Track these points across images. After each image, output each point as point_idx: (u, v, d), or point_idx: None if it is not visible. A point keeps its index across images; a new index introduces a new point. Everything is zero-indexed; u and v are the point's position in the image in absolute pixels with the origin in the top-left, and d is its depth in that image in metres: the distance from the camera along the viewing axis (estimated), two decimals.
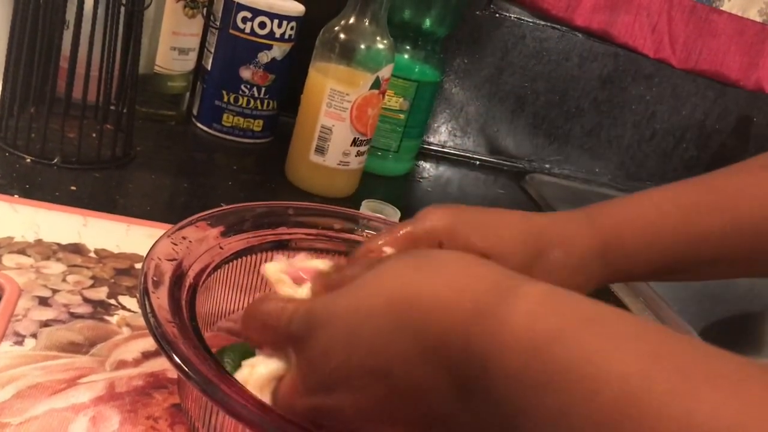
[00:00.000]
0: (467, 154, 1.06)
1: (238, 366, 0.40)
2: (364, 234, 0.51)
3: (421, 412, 0.28)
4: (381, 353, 0.29)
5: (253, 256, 0.46)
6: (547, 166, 1.09)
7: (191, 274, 0.40)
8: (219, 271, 0.43)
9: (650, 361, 0.22)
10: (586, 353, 0.23)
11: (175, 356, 0.36)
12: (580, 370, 0.22)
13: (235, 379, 0.36)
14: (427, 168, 0.99)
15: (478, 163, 1.06)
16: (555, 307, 0.25)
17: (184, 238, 0.42)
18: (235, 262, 0.45)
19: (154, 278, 0.38)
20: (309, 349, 0.32)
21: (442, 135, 1.05)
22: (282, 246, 0.47)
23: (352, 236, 0.51)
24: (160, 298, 0.38)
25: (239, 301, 0.48)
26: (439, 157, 1.04)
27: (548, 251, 0.41)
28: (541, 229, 0.42)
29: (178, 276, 0.39)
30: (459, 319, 0.27)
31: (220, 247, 0.44)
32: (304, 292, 0.39)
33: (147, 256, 0.40)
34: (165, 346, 0.36)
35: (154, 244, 0.41)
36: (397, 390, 0.29)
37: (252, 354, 0.42)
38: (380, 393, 0.29)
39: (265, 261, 0.46)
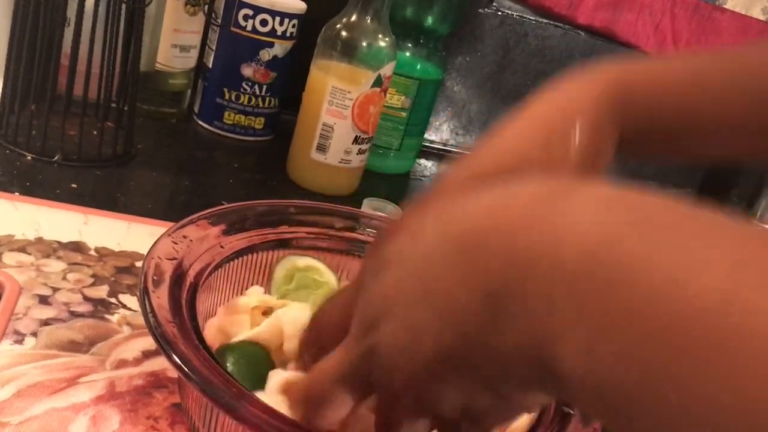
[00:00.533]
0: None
1: (239, 365, 0.40)
2: (366, 232, 0.51)
3: (460, 339, 0.26)
4: (426, 272, 0.27)
5: (255, 255, 0.46)
6: None
7: (192, 273, 0.40)
8: (220, 270, 0.43)
9: (736, 271, 0.19)
10: (655, 253, 0.20)
11: (174, 356, 0.35)
12: (653, 269, 0.20)
13: (235, 379, 0.36)
14: (429, 166, 0.99)
15: None
16: (620, 204, 0.23)
17: (184, 236, 0.42)
18: (236, 260, 0.45)
19: (155, 277, 0.38)
20: (361, 295, 0.30)
21: (443, 133, 1.04)
22: (283, 245, 0.47)
23: (354, 235, 0.50)
24: (160, 298, 0.37)
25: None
26: (440, 156, 1.03)
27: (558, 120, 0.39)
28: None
29: (179, 275, 0.39)
30: (503, 228, 0.24)
31: (221, 246, 0.43)
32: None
33: (147, 254, 0.40)
34: (165, 345, 0.36)
35: (154, 243, 0.41)
36: (437, 310, 0.26)
37: (253, 353, 0.42)
38: (422, 317, 0.26)
39: (267, 259, 0.46)
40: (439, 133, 1.04)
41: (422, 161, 0.99)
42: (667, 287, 0.20)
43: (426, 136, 0.98)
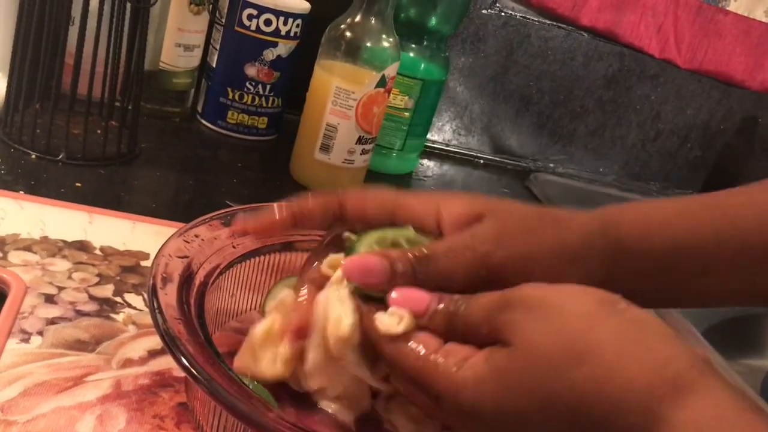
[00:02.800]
0: (471, 153, 1.06)
1: None
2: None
3: None
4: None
5: (266, 257, 0.46)
6: (552, 165, 1.09)
7: (201, 272, 0.40)
8: (231, 270, 0.43)
9: None
10: None
11: (180, 355, 0.35)
12: None
13: (240, 379, 0.36)
14: (431, 167, 0.99)
15: (482, 162, 1.06)
16: (722, 421, 0.27)
17: (196, 236, 0.42)
18: (247, 261, 0.45)
19: (164, 275, 0.38)
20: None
21: (446, 134, 1.04)
22: (295, 247, 0.47)
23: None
24: (169, 296, 0.38)
25: (250, 301, 0.48)
26: (443, 156, 1.03)
27: (546, 231, 0.40)
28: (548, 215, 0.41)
29: (188, 274, 0.39)
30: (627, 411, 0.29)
31: (233, 247, 0.43)
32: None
33: (158, 252, 0.40)
34: (171, 344, 0.36)
35: (165, 242, 0.41)
36: None
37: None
38: None
39: (278, 262, 0.46)
40: (442, 133, 1.04)
41: (425, 161, 0.99)
42: None
43: (428, 136, 0.99)
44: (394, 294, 0.36)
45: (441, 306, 0.35)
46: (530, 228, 0.39)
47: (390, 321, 0.35)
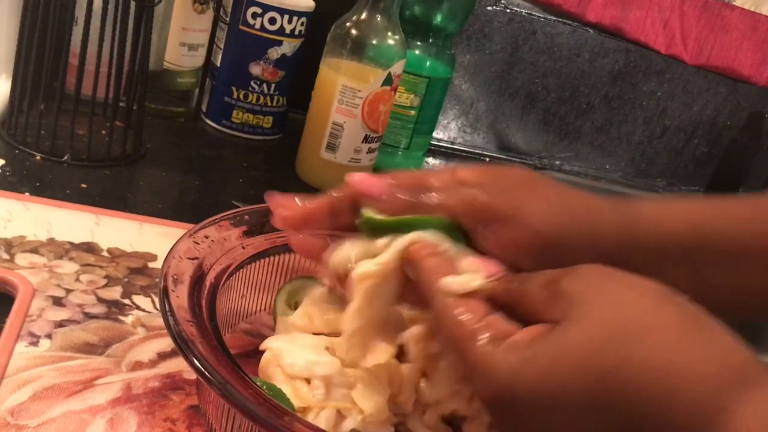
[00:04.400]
0: (477, 151, 1.05)
1: None
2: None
3: None
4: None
5: (276, 257, 0.45)
6: (558, 162, 1.09)
7: (212, 273, 0.40)
8: (241, 271, 0.42)
9: None
10: None
11: (192, 357, 0.35)
12: None
13: (254, 381, 0.36)
14: (437, 165, 0.99)
15: (488, 159, 1.05)
16: None
17: (206, 237, 0.42)
18: (257, 262, 0.44)
19: (174, 277, 0.38)
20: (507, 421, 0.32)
21: (452, 131, 1.04)
22: None
23: None
24: (180, 297, 0.37)
25: (261, 302, 0.48)
26: (449, 154, 1.03)
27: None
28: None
29: (199, 275, 0.39)
30: (678, 411, 0.27)
31: (243, 247, 0.43)
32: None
33: (168, 254, 0.40)
34: (182, 345, 0.35)
35: (175, 243, 0.41)
36: None
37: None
38: None
39: (288, 262, 0.46)
40: (447, 131, 1.04)
41: (430, 160, 0.98)
42: None
43: (434, 134, 0.98)
44: (354, 177, 0.38)
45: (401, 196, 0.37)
46: (537, 182, 0.39)
47: (462, 280, 0.35)
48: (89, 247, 0.54)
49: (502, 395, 0.30)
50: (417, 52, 0.85)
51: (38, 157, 0.66)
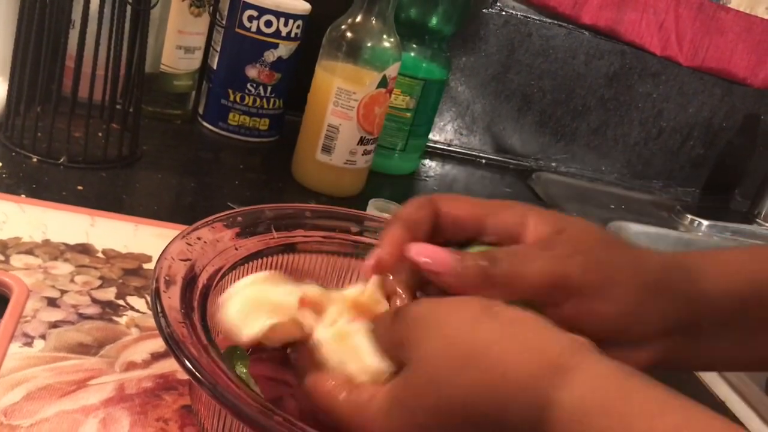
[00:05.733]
0: (473, 153, 1.05)
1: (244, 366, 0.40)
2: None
3: None
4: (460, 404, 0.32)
5: (269, 258, 0.45)
6: (554, 164, 1.09)
7: (204, 275, 0.40)
8: (233, 272, 0.43)
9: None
10: (624, 424, 0.27)
11: (183, 358, 0.35)
12: None
13: (244, 381, 0.36)
14: (433, 167, 0.99)
15: (484, 161, 1.05)
16: (603, 391, 0.29)
17: (198, 238, 0.42)
18: (249, 263, 0.44)
19: (167, 278, 0.38)
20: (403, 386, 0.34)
21: (448, 133, 1.04)
22: (296, 248, 0.47)
23: (369, 239, 0.50)
24: (172, 299, 0.37)
25: None
26: (445, 156, 1.03)
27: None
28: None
29: (191, 277, 0.39)
30: (521, 386, 0.30)
31: (236, 249, 0.43)
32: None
33: (161, 255, 0.40)
34: (174, 346, 0.36)
35: (168, 244, 0.41)
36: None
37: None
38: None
39: (281, 263, 0.46)
40: (444, 133, 1.04)
41: (426, 162, 0.99)
42: None
43: (430, 136, 0.98)
44: (422, 258, 0.36)
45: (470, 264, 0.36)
46: (611, 246, 0.38)
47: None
48: (84, 249, 0.54)
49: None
50: (413, 54, 0.85)
51: (35, 159, 0.66)
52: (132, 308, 0.49)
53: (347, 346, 0.37)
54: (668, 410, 0.28)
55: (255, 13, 0.79)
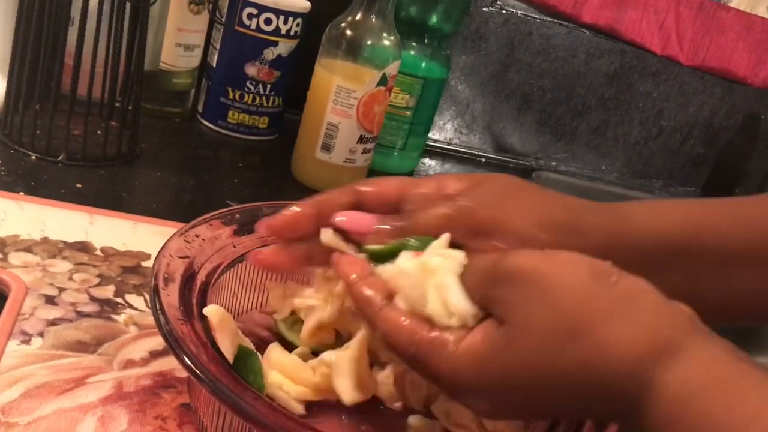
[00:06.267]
0: (473, 152, 1.05)
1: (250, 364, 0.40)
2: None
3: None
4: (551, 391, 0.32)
5: None
6: (554, 163, 1.09)
7: (203, 272, 0.40)
8: (232, 269, 0.43)
9: None
10: (727, 408, 0.27)
11: (182, 355, 0.35)
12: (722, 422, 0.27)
13: (244, 378, 0.36)
14: (433, 165, 0.99)
15: (484, 160, 1.05)
16: (708, 374, 0.29)
17: (197, 236, 0.42)
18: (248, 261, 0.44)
19: (165, 275, 0.38)
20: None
21: (447, 132, 1.04)
22: None
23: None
24: (171, 296, 0.37)
25: (252, 300, 0.48)
26: (444, 155, 1.03)
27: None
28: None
29: (190, 274, 0.39)
30: (623, 373, 0.30)
31: (234, 246, 0.43)
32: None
33: (159, 253, 0.40)
34: (173, 344, 0.36)
35: (167, 241, 0.41)
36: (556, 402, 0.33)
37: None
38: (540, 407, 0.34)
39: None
40: (443, 132, 1.04)
41: (426, 160, 0.99)
42: None
43: (430, 135, 0.98)
44: (339, 217, 0.40)
45: (386, 226, 0.39)
46: (521, 189, 0.40)
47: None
48: (83, 246, 0.54)
49: (469, 392, 0.34)
50: (412, 52, 0.85)
51: (33, 157, 0.66)
52: (130, 306, 0.49)
53: (433, 282, 0.35)
54: None
55: (254, 11, 0.79)
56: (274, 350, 0.41)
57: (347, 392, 0.39)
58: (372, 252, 0.39)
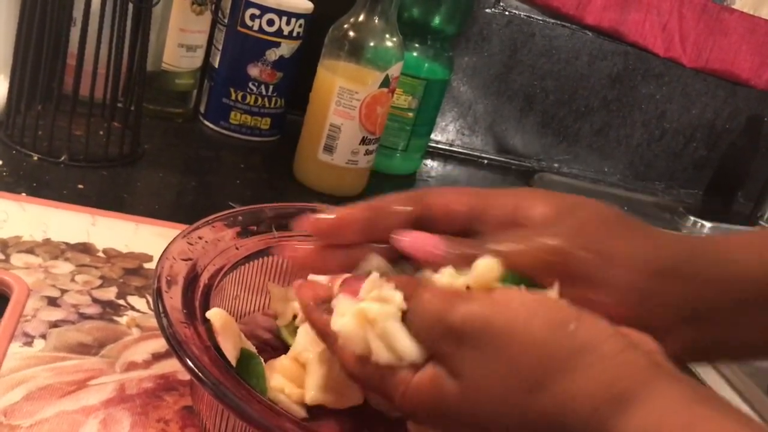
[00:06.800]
0: (475, 153, 1.05)
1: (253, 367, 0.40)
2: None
3: None
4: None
5: (271, 258, 0.45)
6: (556, 165, 1.09)
7: (206, 274, 0.40)
8: (235, 272, 0.42)
9: None
10: None
11: (186, 358, 0.35)
12: None
13: (247, 382, 0.36)
14: (435, 167, 0.99)
15: (486, 162, 1.05)
16: (666, 421, 0.28)
17: (200, 238, 0.42)
18: (251, 263, 0.44)
19: (168, 278, 0.38)
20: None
21: (449, 134, 1.04)
22: None
23: None
24: (174, 299, 0.37)
25: (255, 303, 0.48)
26: (446, 156, 1.03)
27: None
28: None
29: (193, 277, 0.39)
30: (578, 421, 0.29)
31: (236, 248, 0.43)
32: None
33: (162, 255, 0.40)
34: (176, 347, 0.35)
35: (169, 244, 0.41)
36: None
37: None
38: None
39: (283, 263, 0.46)
40: (446, 133, 1.04)
41: (428, 162, 0.98)
42: None
43: (432, 136, 0.98)
44: (401, 237, 0.35)
45: (457, 251, 0.34)
46: (621, 227, 0.35)
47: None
48: (85, 248, 0.54)
49: (419, 418, 0.34)
50: (415, 54, 0.85)
51: (35, 158, 0.66)
52: (133, 308, 0.49)
53: (375, 331, 0.33)
54: None
55: (257, 12, 0.79)
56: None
57: (309, 391, 0.38)
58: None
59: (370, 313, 0.33)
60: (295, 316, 0.43)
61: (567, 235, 0.33)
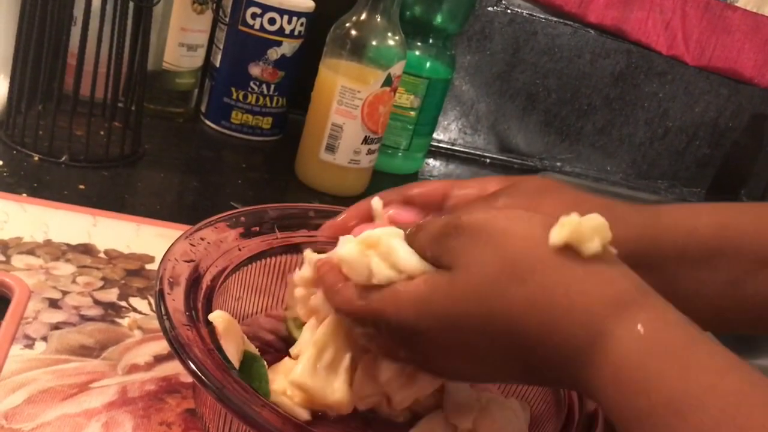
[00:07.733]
0: (477, 152, 1.05)
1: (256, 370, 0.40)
2: None
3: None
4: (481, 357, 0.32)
5: (273, 259, 0.45)
6: (559, 164, 1.08)
7: (208, 276, 0.39)
8: (238, 273, 0.42)
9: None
10: (683, 371, 0.26)
11: (188, 360, 0.35)
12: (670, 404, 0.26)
13: (250, 384, 0.35)
14: (437, 166, 0.98)
15: (488, 161, 1.05)
16: (664, 336, 0.28)
17: (202, 239, 0.41)
18: (253, 264, 0.44)
19: (170, 279, 0.37)
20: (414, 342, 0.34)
21: (452, 132, 1.03)
22: (300, 249, 0.46)
23: None
24: (176, 300, 0.37)
25: (258, 304, 0.47)
26: (449, 155, 1.02)
27: None
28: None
29: (195, 278, 0.38)
30: (566, 346, 0.29)
31: (239, 249, 0.43)
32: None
33: (164, 256, 0.39)
34: (179, 349, 0.35)
35: (171, 245, 0.40)
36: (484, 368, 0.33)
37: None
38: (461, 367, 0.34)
39: (285, 263, 0.45)
40: (448, 132, 1.03)
41: (430, 161, 0.98)
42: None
43: (434, 135, 0.98)
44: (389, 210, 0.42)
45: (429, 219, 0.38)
46: (553, 189, 0.40)
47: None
48: (86, 249, 0.53)
49: (408, 336, 0.34)
50: (417, 53, 0.85)
51: (36, 158, 0.65)
52: (134, 309, 0.49)
53: (378, 252, 0.35)
54: (732, 370, 0.27)
55: (258, 11, 0.79)
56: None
57: (295, 369, 0.39)
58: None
59: (374, 235, 0.36)
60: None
61: (509, 196, 0.40)
